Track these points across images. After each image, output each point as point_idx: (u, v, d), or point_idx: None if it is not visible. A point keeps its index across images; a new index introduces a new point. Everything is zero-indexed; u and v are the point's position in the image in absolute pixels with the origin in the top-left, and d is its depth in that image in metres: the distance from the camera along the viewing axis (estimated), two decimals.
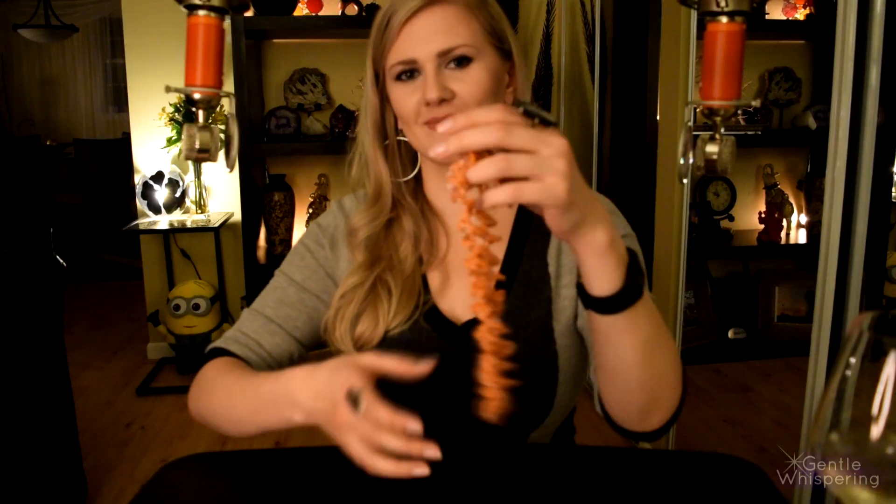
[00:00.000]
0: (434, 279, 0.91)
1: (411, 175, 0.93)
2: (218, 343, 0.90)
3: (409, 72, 0.83)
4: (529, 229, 0.91)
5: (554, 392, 0.85)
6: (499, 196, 0.55)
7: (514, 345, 0.63)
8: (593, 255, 0.62)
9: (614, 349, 0.69)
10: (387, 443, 0.63)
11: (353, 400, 0.65)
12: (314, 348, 0.95)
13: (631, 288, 0.64)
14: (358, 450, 0.64)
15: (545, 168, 0.54)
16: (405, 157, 0.93)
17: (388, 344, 0.86)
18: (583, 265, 0.63)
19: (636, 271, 0.65)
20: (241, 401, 0.79)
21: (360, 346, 0.87)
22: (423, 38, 0.81)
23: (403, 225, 0.92)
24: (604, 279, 0.63)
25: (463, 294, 0.89)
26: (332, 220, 0.96)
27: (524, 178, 0.55)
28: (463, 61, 0.82)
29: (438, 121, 0.81)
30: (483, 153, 0.56)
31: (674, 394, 0.75)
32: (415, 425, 0.64)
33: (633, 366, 0.69)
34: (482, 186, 0.56)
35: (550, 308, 0.86)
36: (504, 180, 0.55)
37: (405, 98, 0.84)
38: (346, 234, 0.93)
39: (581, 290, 0.66)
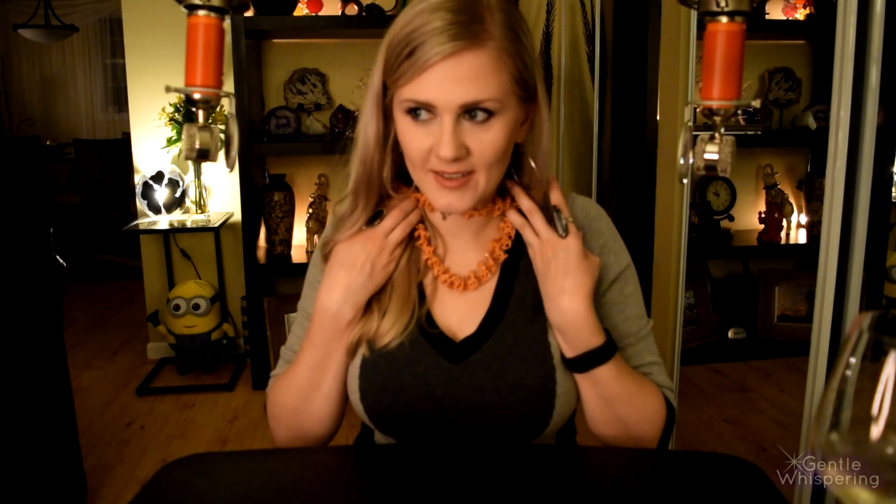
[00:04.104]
0: (429, 288, 0.89)
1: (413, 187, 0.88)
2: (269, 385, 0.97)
3: (425, 111, 0.77)
4: (525, 247, 0.90)
5: (552, 404, 0.83)
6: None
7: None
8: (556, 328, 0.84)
9: (580, 390, 0.86)
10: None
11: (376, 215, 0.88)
12: None
13: (582, 361, 0.82)
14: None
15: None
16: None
17: (386, 357, 0.85)
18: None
19: (599, 351, 0.81)
20: (301, 371, 0.89)
21: (358, 345, 0.87)
22: (448, 85, 0.73)
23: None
24: (563, 345, 0.84)
25: (457, 305, 0.88)
26: (328, 236, 0.93)
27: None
28: (485, 116, 0.76)
29: (448, 176, 0.78)
30: None
31: (647, 436, 0.86)
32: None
33: (594, 409, 0.86)
34: None
35: (546, 323, 0.86)
36: None
37: (415, 139, 0.78)
38: (323, 251, 0.91)
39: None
